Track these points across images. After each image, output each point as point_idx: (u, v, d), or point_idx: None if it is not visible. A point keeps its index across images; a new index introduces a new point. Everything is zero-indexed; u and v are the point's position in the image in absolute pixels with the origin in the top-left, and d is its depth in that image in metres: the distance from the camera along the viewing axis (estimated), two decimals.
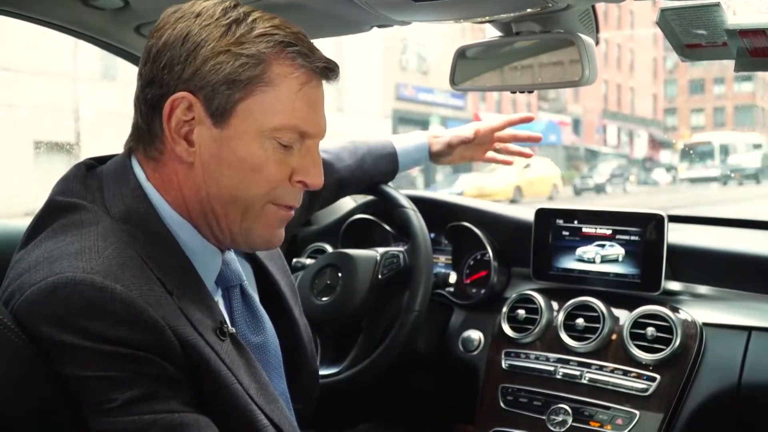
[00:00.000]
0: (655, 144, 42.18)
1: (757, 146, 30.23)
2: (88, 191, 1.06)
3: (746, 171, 25.34)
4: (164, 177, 1.07)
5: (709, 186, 24.96)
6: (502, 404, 1.73)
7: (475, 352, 1.85)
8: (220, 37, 1.02)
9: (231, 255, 1.18)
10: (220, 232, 1.08)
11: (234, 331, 1.08)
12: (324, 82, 1.10)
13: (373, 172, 1.81)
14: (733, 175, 25.38)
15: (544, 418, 1.65)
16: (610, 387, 1.61)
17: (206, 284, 1.09)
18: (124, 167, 1.08)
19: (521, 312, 1.79)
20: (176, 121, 1.03)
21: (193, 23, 1.03)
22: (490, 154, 1.92)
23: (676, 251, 1.71)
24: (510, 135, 1.90)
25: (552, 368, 1.69)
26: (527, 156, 1.96)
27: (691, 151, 29.35)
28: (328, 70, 1.08)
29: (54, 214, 1.04)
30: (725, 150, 28.29)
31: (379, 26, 1.59)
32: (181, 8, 1.06)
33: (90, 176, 1.09)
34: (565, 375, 1.67)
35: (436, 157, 1.89)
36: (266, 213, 1.08)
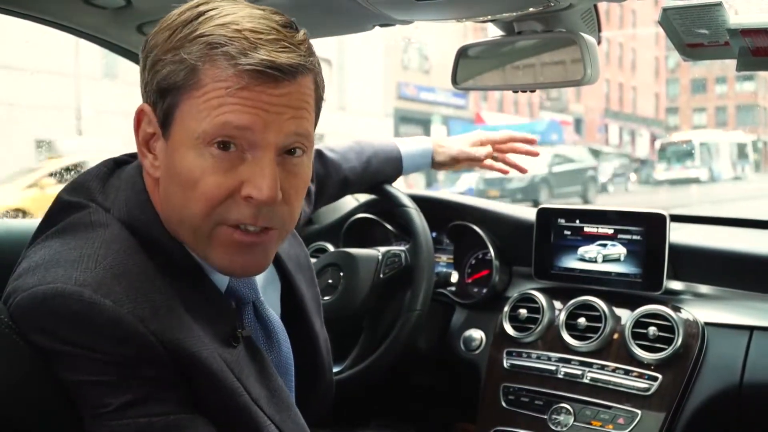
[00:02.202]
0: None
1: (742, 145, 28.99)
2: (105, 190, 1.04)
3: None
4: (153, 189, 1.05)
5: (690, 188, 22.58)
6: (503, 404, 1.73)
7: (477, 352, 1.85)
8: (163, 43, 0.97)
9: None
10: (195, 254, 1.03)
11: (250, 332, 1.05)
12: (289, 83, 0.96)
13: (377, 174, 1.82)
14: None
15: (545, 417, 1.65)
16: (611, 386, 1.61)
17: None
18: (137, 170, 1.06)
19: (523, 311, 1.79)
20: (142, 135, 1.02)
21: (155, 29, 1.00)
22: (488, 161, 1.93)
23: (678, 251, 1.71)
24: (509, 147, 1.92)
25: (553, 368, 1.69)
26: (523, 171, 1.97)
27: (670, 151, 27.61)
28: (259, 72, 0.93)
29: (62, 211, 1.03)
30: (707, 149, 26.92)
31: (381, 25, 1.59)
32: None
33: (117, 174, 1.07)
34: (566, 374, 1.67)
35: (437, 165, 1.90)
36: (217, 236, 0.98)
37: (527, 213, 1.93)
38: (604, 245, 1.76)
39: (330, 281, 1.75)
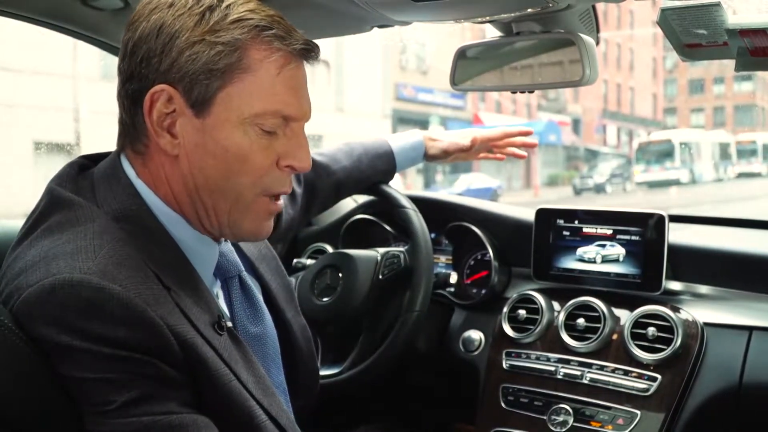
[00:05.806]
0: None
1: (725, 145, 28.04)
2: (80, 191, 1.06)
3: None
4: (153, 171, 1.07)
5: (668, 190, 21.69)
6: (502, 404, 1.73)
7: (476, 352, 1.85)
8: (194, 26, 1.01)
9: (228, 246, 1.18)
10: (209, 224, 1.09)
11: (231, 325, 1.08)
12: (306, 64, 1.08)
13: (370, 172, 1.81)
14: None
15: (544, 418, 1.65)
16: (610, 387, 1.61)
17: (204, 277, 1.09)
18: (114, 166, 1.09)
19: (522, 312, 1.79)
20: (157, 114, 1.03)
21: (167, 14, 1.02)
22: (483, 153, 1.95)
23: (677, 251, 1.71)
24: (506, 142, 1.93)
25: (553, 368, 1.69)
26: (521, 157, 1.98)
27: (648, 151, 26.58)
28: (307, 51, 1.06)
29: (51, 209, 1.04)
30: (687, 149, 26.19)
31: (379, 26, 1.59)
32: None
33: (82, 177, 1.09)
34: (565, 375, 1.67)
35: (430, 159, 1.91)
36: (256, 205, 1.08)
37: (526, 213, 1.93)
38: (603, 246, 1.76)
39: (329, 282, 1.75)
